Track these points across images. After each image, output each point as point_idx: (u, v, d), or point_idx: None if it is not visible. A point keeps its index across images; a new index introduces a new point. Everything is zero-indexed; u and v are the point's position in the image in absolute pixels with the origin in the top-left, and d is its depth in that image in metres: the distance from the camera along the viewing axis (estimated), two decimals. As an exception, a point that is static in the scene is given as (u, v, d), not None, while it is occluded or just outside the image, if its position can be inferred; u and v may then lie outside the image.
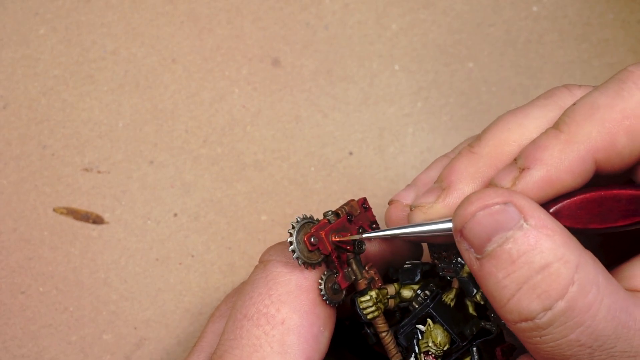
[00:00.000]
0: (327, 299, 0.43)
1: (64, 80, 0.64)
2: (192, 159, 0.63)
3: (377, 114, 0.64)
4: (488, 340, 0.45)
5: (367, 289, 0.44)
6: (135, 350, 0.60)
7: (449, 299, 0.45)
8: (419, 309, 0.45)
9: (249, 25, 0.65)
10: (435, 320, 0.45)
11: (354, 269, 0.44)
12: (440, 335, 0.44)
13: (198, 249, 0.61)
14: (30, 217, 0.61)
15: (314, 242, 0.43)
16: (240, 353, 0.42)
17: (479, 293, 0.44)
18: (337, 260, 0.44)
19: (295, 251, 0.42)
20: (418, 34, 0.65)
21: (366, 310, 0.44)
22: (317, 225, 0.43)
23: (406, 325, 0.45)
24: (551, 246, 0.38)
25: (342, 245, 0.44)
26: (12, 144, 0.62)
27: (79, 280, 0.60)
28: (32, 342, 0.59)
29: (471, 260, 0.39)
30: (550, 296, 0.37)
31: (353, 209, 0.45)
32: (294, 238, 0.43)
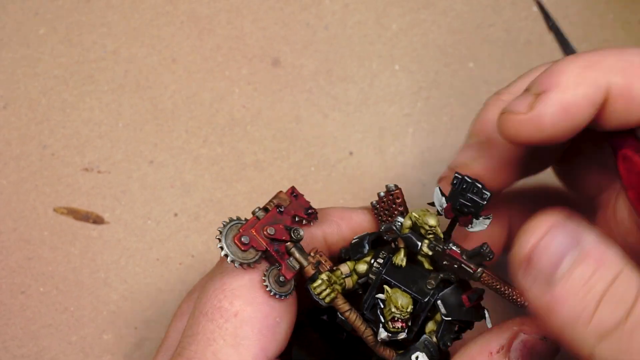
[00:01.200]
0: (275, 292, 0.43)
1: (64, 80, 0.64)
2: (192, 159, 0.63)
3: (377, 114, 0.64)
4: (452, 289, 0.44)
5: (317, 273, 0.44)
6: (135, 350, 0.60)
7: (399, 259, 0.45)
8: (374, 279, 0.45)
9: (249, 26, 0.65)
10: (392, 284, 0.44)
11: (297, 258, 0.44)
12: (400, 298, 0.43)
13: (198, 249, 0.61)
14: (30, 217, 0.61)
15: (244, 241, 0.43)
16: (195, 348, 0.43)
17: (424, 244, 0.44)
18: (275, 253, 0.43)
19: (228, 255, 0.42)
20: (418, 34, 0.65)
21: (322, 295, 0.44)
22: (246, 225, 0.43)
23: (368, 299, 0.45)
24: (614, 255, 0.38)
25: (277, 237, 0.43)
26: (12, 144, 0.62)
27: (79, 280, 0.60)
28: (32, 342, 0.59)
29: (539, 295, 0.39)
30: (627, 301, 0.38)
31: (282, 200, 0.45)
32: (224, 242, 0.42)
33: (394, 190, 0.47)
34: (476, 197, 0.43)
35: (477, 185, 0.43)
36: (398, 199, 0.47)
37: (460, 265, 0.44)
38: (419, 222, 0.44)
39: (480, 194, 0.43)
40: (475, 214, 0.44)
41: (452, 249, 0.44)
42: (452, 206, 0.44)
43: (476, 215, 0.44)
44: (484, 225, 0.44)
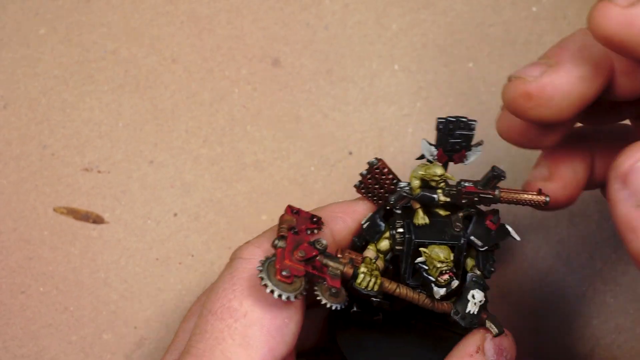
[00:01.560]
0: (335, 306, 0.43)
1: (64, 80, 0.64)
2: (192, 159, 0.63)
3: (377, 114, 0.64)
4: (474, 222, 0.46)
5: (355, 269, 0.44)
6: (135, 350, 0.60)
7: (421, 218, 0.46)
8: (404, 248, 0.45)
9: (249, 26, 0.65)
10: (426, 244, 0.45)
11: (333, 266, 0.44)
12: (440, 252, 0.44)
13: (198, 248, 0.61)
14: (30, 217, 0.61)
15: (286, 274, 0.42)
16: (204, 346, 0.43)
17: (439, 194, 0.45)
18: (315, 271, 0.43)
19: (282, 294, 0.42)
20: (418, 34, 0.65)
21: (369, 286, 0.44)
22: (278, 259, 0.43)
23: (407, 268, 0.45)
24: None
25: (308, 256, 0.43)
26: (12, 144, 0.62)
27: (79, 280, 0.60)
28: (32, 342, 0.59)
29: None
30: None
31: (290, 222, 0.46)
32: (272, 285, 0.42)
33: (376, 163, 0.47)
34: (465, 131, 0.45)
35: (462, 119, 0.44)
36: (385, 169, 0.47)
37: (480, 196, 0.45)
38: (427, 176, 0.45)
39: (467, 126, 0.45)
40: (467, 146, 0.45)
41: (466, 186, 0.45)
42: (443, 149, 0.45)
43: (468, 146, 0.45)
44: (477, 152, 0.46)
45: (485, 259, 0.46)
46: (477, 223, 0.46)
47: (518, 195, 0.45)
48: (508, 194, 0.45)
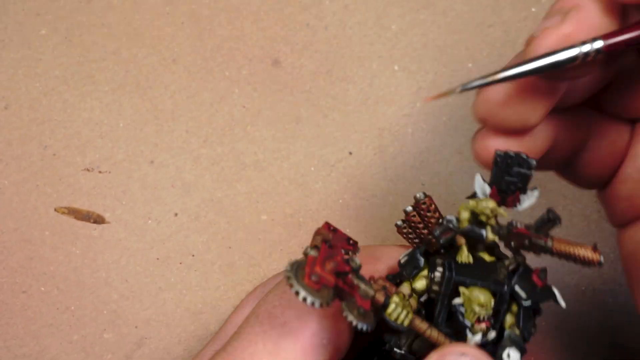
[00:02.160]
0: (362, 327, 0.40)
1: (65, 81, 0.64)
2: (193, 159, 0.63)
3: (377, 114, 0.64)
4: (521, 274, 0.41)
5: (387, 298, 0.41)
6: (136, 350, 0.60)
7: (465, 256, 0.42)
8: (443, 287, 0.41)
9: (249, 26, 0.65)
10: (467, 283, 0.41)
11: (363, 288, 0.41)
12: (481, 295, 0.40)
13: (198, 248, 0.62)
14: (31, 217, 0.61)
15: (315, 280, 0.40)
16: (238, 345, 0.43)
17: (488, 231, 0.41)
18: (346, 286, 0.41)
19: (307, 297, 0.39)
20: (418, 34, 0.65)
21: (399, 319, 0.40)
22: (308, 263, 0.40)
23: (441, 311, 0.41)
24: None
25: (340, 269, 0.41)
26: (13, 144, 0.63)
27: (80, 279, 0.60)
28: (33, 341, 0.59)
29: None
30: None
31: (325, 236, 0.43)
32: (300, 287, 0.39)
33: (423, 198, 0.44)
34: (523, 169, 0.40)
35: (522, 156, 0.40)
36: (432, 206, 0.43)
37: (531, 240, 0.41)
38: (478, 210, 0.41)
39: (526, 164, 0.40)
40: (523, 188, 0.41)
41: (517, 227, 0.41)
42: (497, 188, 0.41)
43: (524, 189, 0.41)
44: (532, 198, 0.41)
45: (526, 318, 0.42)
46: (522, 276, 0.42)
47: (571, 249, 0.41)
48: (560, 244, 0.41)
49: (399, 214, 0.62)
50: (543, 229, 0.41)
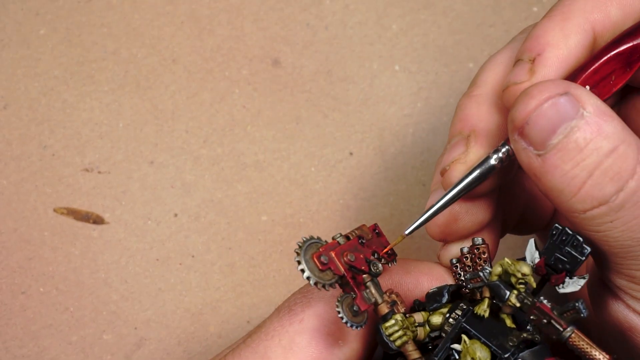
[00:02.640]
0: (347, 321, 0.40)
1: (65, 81, 0.64)
2: (193, 159, 0.63)
3: (377, 114, 0.64)
4: (533, 351, 0.41)
5: (391, 312, 0.41)
6: (135, 350, 0.60)
7: (482, 310, 0.41)
8: (451, 328, 0.42)
9: (249, 26, 0.65)
10: (471, 334, 0.41)
11: (373, 292, 0.42)
12: (479, 350, 0.40)
13: (198, 249, 0.61)
14: (30, 218, 0.61)
15: (323, 260, 0.41)
16: (256, 337, 0.43)
17: (512, 294, 0.41)
18: (352, 281, 0.41)
19: (305, 270, 0.40)
20: (418, 34, 0.65)
21: (393, 336, 0.41)
22: (326, 245, 0.41)
23: (441, 351, 0.41)
24: (613, 130, 0.38)
25: (356, 265, 0.42)
26: (13, 144, 0.62)
27: (79, 280, 0.60)
28: (32, 342, 0.59)
29: (530, 159, 0.39)
30: (622, 177, 0.38)
31: (364, 233, 0.44)
32: (302, 257, 0.40)
33: (480, 244, 0.44)
34: (575, 252, 0.40)
35: (578, 238, 0.40)
36: (484, 254, 0.44)
37: (550, 321, 0.40)
38: (511, 270, 0.41)
39: (580, 248, 0.40)
40: (571, 271, 0.40)
41: (542, 303, 0.40)
42: (545, 261, 0.41)
43: (571, 273, 0.40)
44: (577, 286, 0.41)
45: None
46: (535, 354, 0.41)
47: (588, 348, 0.40)
48: (580, 338, 0.40)
49: (400, 215, 0.62)
50: (566, 316, 0.40)
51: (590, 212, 0.39)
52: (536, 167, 0.39)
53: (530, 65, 0.41)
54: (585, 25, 0.41)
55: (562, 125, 0.38)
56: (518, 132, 0.39)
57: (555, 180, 0.39)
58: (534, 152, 0.39)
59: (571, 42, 0.41)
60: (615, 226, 0.39)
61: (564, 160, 0.38)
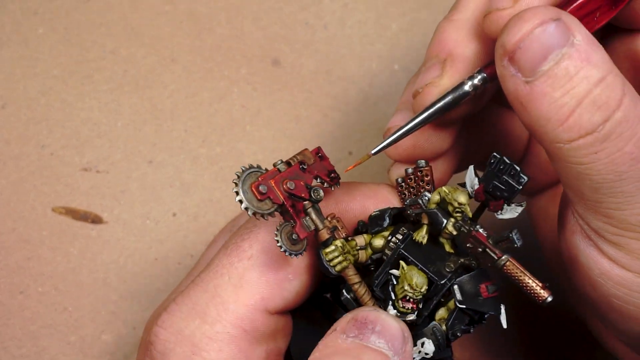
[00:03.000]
0: (286, 250, 0.40)
1: (63, 80, 0.64)
2: (192, 158, 0.63)
3: (377, 114, 0.64)
4: (470, 276, 0.42)
5: (331, 238, 0.42)
6: (134, 351, 0.60)
7: (420, 236, 0.42)
8: (390, 254, 0.42)
9: (248, 25, 0.65)
10: (409, 261, 0.42)
11: (313, 219, 0.42)
12: (416, 277, 0.41)
13: (197, 249, 0.61)
14: (29, 217, 0.61)
15: (262, 190, 0.40)
16: (205, 277, 0.43)
17: (449, 222, 0.42)
18: (292, 209, 0.41)
19: (243, 201, 0.40)
20: (418, 33, 0.65)
21: (333, 262, 0.41)
22: (266, 174, 0.41)
23: (380, 275, 0.42)
24: (601, 59, 0.38)
25: (296, 193, 0.41)
26: (11, 143, 0.62)
27: (78, 280, 0.60)
28: (31, 342, 0.59)
29: (518, 86, 0.38)
30: (609, 107, 0.37)
31: (306, 158, 0.43)
32: (240, 188, 0.40)
33: (424, 167, 0.44)
34: (512, 181, 0.41)
35: (515, 167, 0.41)
36: (427, 177, 0.44)
37: (485, 250, 0.41)
38: (448, 198, 0.42)
39: (517, 177, 0.41)
40: (509, 198, 0.41)
41: (478, 231, 0.41)
42: (484, 188, 0.41)
43: (509, 200, 0.41)
44: (514, 213, 0.42)
45: (458, 318, 0.42)
46: (472, 279, 0.42)
47: (522, 276, 0.41)
48: (514, 267, 0.41)
49: (399, 214, 0.62)
50: (501, 245, 0.41)
51: (576, 142, 0.38)
52: (523, 95, 0.38)
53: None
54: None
55: (553, 51, 0.38)
56: (508, 58, 0.39)
57: (542, 109, 0.38)
58: (522, 79, 0.38)
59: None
60: (599, 158, 0.38)
61: (554, 88, 0.38)
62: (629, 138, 0.38)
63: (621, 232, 0.40)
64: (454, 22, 0.44)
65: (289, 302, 0.43)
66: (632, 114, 0.38)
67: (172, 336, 0.42)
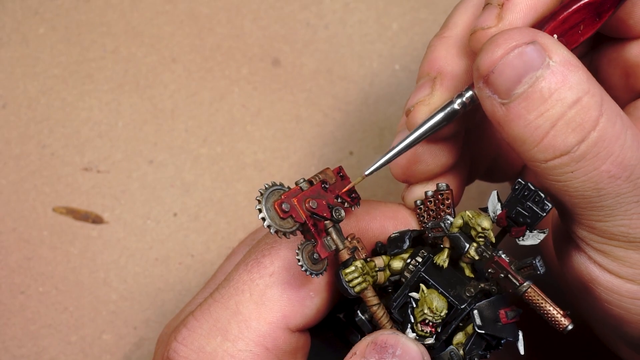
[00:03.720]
0: (307, 269, 0.40)
1: (64, 80, 0.64)
2: (192, 158, 0.63)
3: (378, 113, 0.64)
4: (490, 302, 0.42)
5: (351, 259, 0.42)
6: (135, 351, 0.60)
7: (441, 260, 0.42)
8: (410, 276, 0.42)
9: (249, 25, 0.65)
10: (429, 284, 0.42)
11: (334, 239, 0.42)
12: (436, 300, 0.41)
13: (198, 248, 0.61)
14: (29, 217, 0.61)
15: (285, 208, 0.40)
16: (225, 292, 0.43)
17: (472, 247, 0.41)
18: (313, 228, 0.41)
19: (266, 219, 0.40)
20: (419, 33, 0.65)
21: (352, 283, 0.41)
22: (288, 192, 0.41)
23: (399, 297, 0.42)
24: (578, 80, 0.38)
25: (318, 212, 0.41)
26: (12, 143, 0.62)
27: (78, 280, 0.60)
28: (31, 342, 0.59)
29: (494, 107, 0.39)
30: (584, 128, 0.38)
31: (328, 177, 0.43)
32: (263, 205, 0.40)
33: (444, 190, 0.44)
34: (536, 207, 0.41)
35: (540, 194, 0.41)
36: (447, 200, 0.44)
37: (507, 276, 0.41)
38: (471, 223, 0.41)
39: (541, 204, 0.41)
40: (531, 225, 0.41)
41: (501, 257, 0.41)
42: (507, 214, 0.41)
43: (531, 226, 0.41)
44: (536, 240, 0.41)
45: (476, 344, 0.42)
46: (491, 304, 0.42)
47: (543, 303, 0.41)
48: (535, 294, 0.41)
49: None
50: (524, 272, 0.41)
51: (552, 162, 0.39)
52: (500, 116, 0.39)
53: (499, 10, 0.41)
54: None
55: (527, 74, 0.38)
56: (483, 80, 0.39)
57: (518, 130, 0.39)
58: (498, 100, 0.39)
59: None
60: (576, 176, 0.39)
61: (528, 110, 0.38)
62: (605, 157, 0.38)
63: (606, 241, 0.41)
64: (444, 39, 0.44)
65: (310, 319, 0.43)
66: (609, 133, 0.38)
67: (193, 353, 0.42)
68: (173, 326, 0.45)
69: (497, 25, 0.41)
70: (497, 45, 0.39)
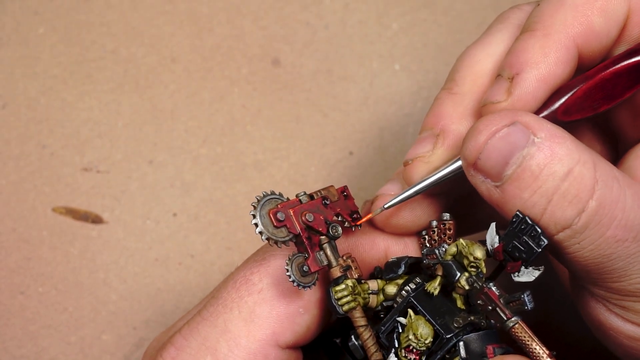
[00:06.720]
0: (294, 280, 0.40)
1: (63, 80, 0.64)
2: (192, 158, 0.63)
3: (378, 113, 0.64)
4: (479, 335, 0.41)
5: (343, 277, 0.42)
6: (134, 351, 0.60)
7: (433, 287, 0.42)
8: (401, 301, 0.42)
9: (249, 25, 0.65)
10: (417, 310, 0.41)
11: (327, 254, 0.42)
12: (422, 327, 0.41)
13: (198, 249, 0.61)
14: (29, 217, 0.61)
15: (280, 217, 0.40)
16: (213, 310, 0.43)
17: (463, 276, 0.41)
18: (307, 241, 0.41)
19: (258, 225, 0.40)
20: (418, 33, 0.65)
21: (341, 301, 0.41)
22: (286, 203, 0.41)
23: (388, 322, 0.42)
24: (566, 151, 0.38)
25: (314, 226, 0.41)
26: (11, 143, 0.62)
27: (78, 280, 0.60)
28: (31, 342, 0.59)
29: (490, 191, 0.39)
30: (581, 199, 0.38)
31: (330, 194, 0.43)
32: (257, 212, 0.40)
33: (447, 220, 0.44)
34: (532, 242, 0.40)
35: (536, 229, 0.40)
36: (450, 231, 0.44)
37: (495, 309, 0.40)
38: (465, 252, 0.41)
39: (537, 239, 0.40)
40: (527, 260, 0.40)
41: (490, 289, 0.41)
42: (503, 247, 0.41)
43: (527, 262, 0.40)
44: (531, 277, 0.41)
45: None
46: (480, 338, 0.41)
47: (529, 341, 0.40)
48: (522, 330, 0.40)
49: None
50: (512, 306, 0.40)
51: (556, 236, 0.39)
52: (497, 199, 0.39)
53: (509, 84, 0.41)
54: (567, 41, 0.41)
55: (514, 155, 0.38)
56: (473, 168, 0.39)
57: (516, 209, 0.39)
58: (492, 184, 0.39)
59: (551, 59, 0.41)
60: (584, 246, 0.39)
61: (522, 189, 0.38)
62: (609, 223, 0.38)
63: (624, 297, 0.41)
64: (452, 96, 0.44)
65: (300, 336, 0.43)
66: (608, 198, 0.38)
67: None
68: (162, 340, 0.44)
69: (506, 99, 0.41)
70: (478, 132, 0.39)
